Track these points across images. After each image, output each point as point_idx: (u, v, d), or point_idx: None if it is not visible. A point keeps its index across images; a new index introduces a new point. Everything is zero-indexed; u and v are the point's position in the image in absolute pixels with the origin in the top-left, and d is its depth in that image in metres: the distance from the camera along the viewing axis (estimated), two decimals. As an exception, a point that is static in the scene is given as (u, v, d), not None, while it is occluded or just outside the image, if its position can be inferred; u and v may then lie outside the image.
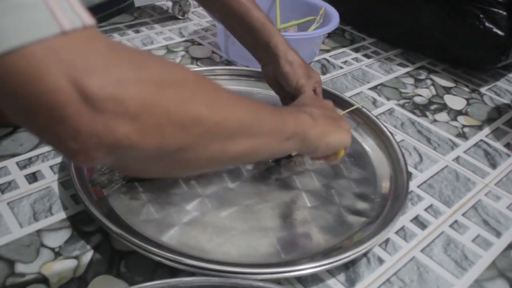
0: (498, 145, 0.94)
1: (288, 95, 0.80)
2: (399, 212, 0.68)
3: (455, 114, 1.03)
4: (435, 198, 0.78)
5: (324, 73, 1.12)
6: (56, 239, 0.64)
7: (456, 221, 0.74)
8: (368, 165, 0.81)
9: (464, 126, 0.99)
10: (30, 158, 0.77)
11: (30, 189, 0.71)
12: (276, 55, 0.77)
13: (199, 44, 1.21)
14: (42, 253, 0.62)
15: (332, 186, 0.76)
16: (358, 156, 0.83)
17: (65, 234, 0.65)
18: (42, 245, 0.63)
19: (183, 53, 1.15)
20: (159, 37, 1.22)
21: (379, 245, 0.68)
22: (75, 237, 0.65)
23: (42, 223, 0.66)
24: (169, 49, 1.16)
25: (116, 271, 0.61)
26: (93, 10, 0.77)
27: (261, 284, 0.55)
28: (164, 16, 1.35)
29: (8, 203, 0.69)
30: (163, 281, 0.54)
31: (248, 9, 0.77)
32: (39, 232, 0.65)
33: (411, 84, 1.12)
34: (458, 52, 1.18)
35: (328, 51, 1.24)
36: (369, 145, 0.85)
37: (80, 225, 0.67)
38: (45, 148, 0.79)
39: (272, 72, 0.79)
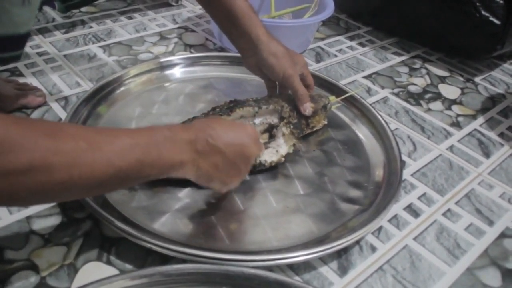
0: (492, 134, 0.93)
1: (273, 83, 0.80)
2: (392, 200, 0.68)
3: (450, 103, 1.02)
4: (428, 187, 0.78)
5: (318, 61, 1.12)
6: (45, 226, 0.63)
7: (449, 210, 0.74)
8: (361, 153, 0.81)
9: (458, 115, 0.98)
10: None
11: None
12: (258, 47, 0.75)
13: (193, 31, 1.19)
14: (31, 240, 0.61)
15: (325, 173, 0.75)
16: (352, 144, 0.82)
17: (55, 220, 0.64)
18: (32, 231, 0.62)
19: (176, 39, 1.14)
20: (152, 24, 1.21)
21: (372, 233, 0.68)
22: (65, 224, 0.64)
23: (32, 210, 0.65)
24: (162, 36, 1.15)
25: (106, 258, 0.60)
26: None
27: (253, 271, 0.54)
28: (157, 3, 1.33)
29: (-3, 189, 0.68)
30: (154, 268, 0.54)
31: None
32: (28, 218, 0.64)
33: (406, 73, 1.12)
34: (453, 40, 1.17)
35: (322, 39, 1.23)
36: (363, 133, 0.85)
37: (70, 211, 0.66)
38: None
39: (254, 63, 0.78)
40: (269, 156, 0.73)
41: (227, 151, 0.57)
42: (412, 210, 0.73)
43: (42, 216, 0.65)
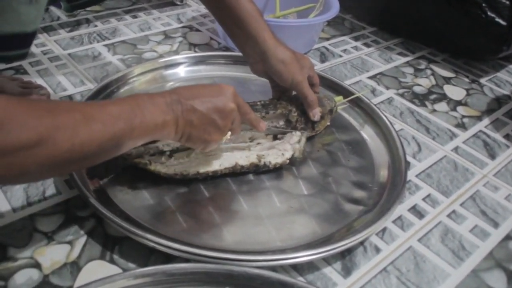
0: (498, 136, 0.93)
1: (279, 87, 0.80)
2: (396, 201, 0.68)
3: (455, 104, 1.02)
4: (433, 188, 0.77)
5: (323, 61, 1.11)
6: (49, 224, 0.63)
7: (454, 211, 0.73)
8: (366, 153, 0.80)
9: (463, 116, 0.98)
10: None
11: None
12: (265, 53, 0.75)
13: (197, 30, 1.19)
14: (35, 238, 0.61)
15: (329, 174, 0.75)
16: (356, 145, 0.82)
17: (58, 218, 0.64)
18: (35, 229, 0.62)
19: (180, 39, 1.14)
20: (157, 23, 1.21)
21: (376, 234, 0.67)
22: (68, 222, 0.64)
23: (35, 208, 0.65)
24: (166, 35, 1.15)
25: (109, 257, 0.60)
26: None
27: (256, 271, 0.54)
28: (162, 2, 1.33)
29: (1, 187, 0.68)
30: (157, 267, 0.53)
31: (239, 0, 0.75)
32: (32, 216, 0.64)
33: (411, 74, 1.11)
34: (459, 41, 1.17)
35: (327, 39, 1.23)
36: (367, 133, 0.84)
37: (74, 210, 0.66)
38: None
39: (261, 69, 0.78)
40: (274, 157, 0.72)
41: (202, 108, 0.59)
42: (416, 211, 0.72)
43: (46, 214, 0.65)
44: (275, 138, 0.78)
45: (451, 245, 0.67)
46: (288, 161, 0.73)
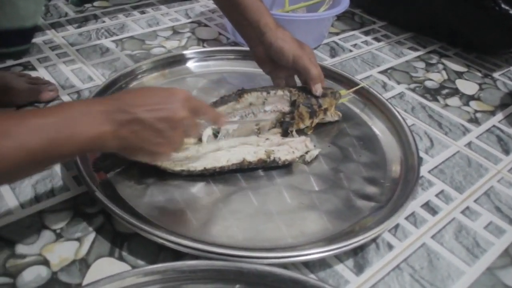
0: (512, 131, 0.91)
1: (281, 74, 0.79)
2: (409, 198, 0.66)
3: (467, 99, 1.00)
4: (446, 184, 0.76)
5: (333, 56, 1.10)
6: (57, 221, 0.63)
7: (467, 208, 0.72)
8: (378, 148, 0.79)
9: (476, 111, 0.96)
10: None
11: (32, 169, 0.70)
12: (266, 34, 0.75)
13: (206, 25, 1.18)
14: (43, 235, 0.61)
15: (340, 169, 0.74)
16: (367, 140, 0.80)
17: (66, 215, 0.64)
18: (44, 226, 0.62)
19: (189, 34, 1.13)
20: (165, 18, 1.20)
21: (389, 231, 0.66)
22: (77, 219, 0.63)
23: (44, 204, 0.65)
24: (175, 30, 1.14)
25: (118, 254, 0.59)
26: None
27: (267, 268, 0.53)
28: (170, -3, 1.33)
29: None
30: (166, 264, 0.53)
31: None
32: (40, 213, 0.64)
33: (422, 68, 1.10)
34: (471, 35, 1.15)
35: (337, 34, 1.21)
36: (379, 128, 0.83)
37: (82, 206, 0.65)
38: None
39: (262, 52, 0.77)
40: (283, 154, 0.71)
41: (148, 117, 0.54)
42: (429, 207, 0.71)
43: (54, 211, 0.64)
44: (285, 135, 0.77)
45: (465, 242, 0.66)
46: (297, 159, 0.72)
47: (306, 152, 0.73)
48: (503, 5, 1.04)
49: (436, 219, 0.69)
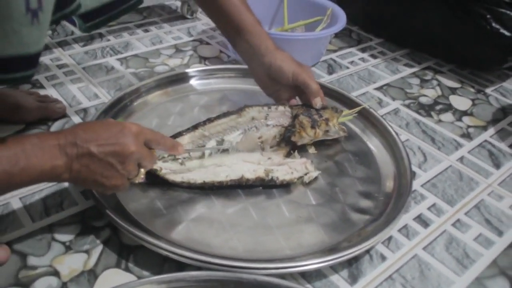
0: (503, 145, 0.94)
1: (283, 95, 0.83)
2: (402, 211, 0.70)
3: (460, 114, 1.03)
4: (438, 197, 0.79)
5: (330, 73, 1.14)
6: (67, 234, 0.66)
7: (458, 220, 0.75)
8: (372, 164, 0.82)
9: (469, 126, 1.00)
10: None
11: (41, 184, 0.73)
12: (265, 56, 0.79)
13: (207, 43, 1.22)
14: (53, 247, 0.64)
15: (336, 184, 0.77)
16: (363, 155, 0.84)
17: (75, 228, 0.67)
18: (54, 239, 0.65)
19: (191, 52, 1.17)
20: (168, 37, 1.24)
21: (382, 243, 0.69)
22: (85, 232, 0.67)
23: (53, 218, 0.68)
24: (177, 48, 1.18)
25: (125, 265, 0.62)
26: (103, 9, 0.79)
27: (266, 279, 0.56)
28: (173, 16, 1.37)
29: (20, 198, 0.71)
30: (170, 274, 0.56)
31: (240, 11, 0.79)
32: (50, 226, 0.67)
33: (417, 85, 1.13)
34: (464, 52, 1.19)
35: (335, 51, 1.25)
36: (374, 144, 0.86)
37: (90, 220, 0.68)
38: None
39: (263, 73, 0.82)
40: (282, 173, 0.74)
41: (98, 151, 0.57)
42: (421, 220, 0.74)
43: (63, 224, 0.67)
44: (288, 155, 0.80)
45: (455, 253, 0.69)
46: (296, 180, 0.75)
47: (305, 174, 0.76)
48: (494, 24, 1.08)
49: (427, 231, 0.72)
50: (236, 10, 0.79)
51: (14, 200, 0.70)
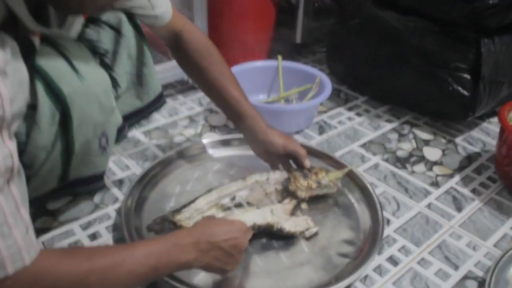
0: (466, 190, 1.13)
1: (276, 161, 1.03)
2: (375, 253, 0.89)
3: (431, 164, 1.23)
4: (407, 240, 0.98)
5: (321, 133, 1.34)
6: None
7: (423, 259, 0.94)
8: (353, 214, 1.02)
9: (437, 175, 1.18)
10: (89, 221, 1.00)
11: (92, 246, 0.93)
12: (259, 134, 1.00)
13: (216, 112, 1.43)
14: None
15: (324, 233, 0.96)
16: (345, 208, 1.04)
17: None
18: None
19: (203, 122, 1.38)
20: (183, 107, 1.45)
21: (360, 280, 0.88)
22: None
23: None
24: (191, 119, 1.39)
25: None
26: (129, 117, 1.03)
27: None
28: (185, 87, 1.58)
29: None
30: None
31: (240, 102, 1.00)
32: None
33: (395, 139, 1.33)
34: (434, 107, 1.38)
35: (325, 112, 1.46)
36: (355, 197, 1.06)
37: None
38: (101, 212, 1.02)
39: (257, 147, 1.03)
40: (289, 225, 0.93)
41: (224, 245, 0.74)
42: (392, 260, 0.93)
43: None
44: (294, 210, 1.00)
45: (418, 286, 0.88)
46: (299, 233, 0.94)
47: (307, 229, 0.95)
48: (454, 86, 1.28)
49: (397, 269, 0.91)
50: (236, 101, 1.00)
51: None
